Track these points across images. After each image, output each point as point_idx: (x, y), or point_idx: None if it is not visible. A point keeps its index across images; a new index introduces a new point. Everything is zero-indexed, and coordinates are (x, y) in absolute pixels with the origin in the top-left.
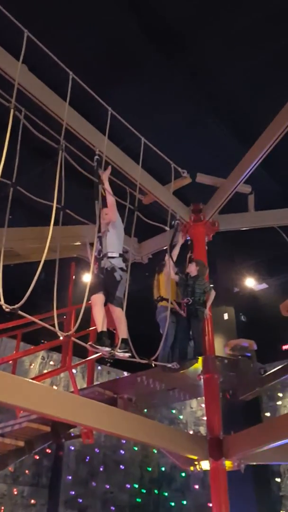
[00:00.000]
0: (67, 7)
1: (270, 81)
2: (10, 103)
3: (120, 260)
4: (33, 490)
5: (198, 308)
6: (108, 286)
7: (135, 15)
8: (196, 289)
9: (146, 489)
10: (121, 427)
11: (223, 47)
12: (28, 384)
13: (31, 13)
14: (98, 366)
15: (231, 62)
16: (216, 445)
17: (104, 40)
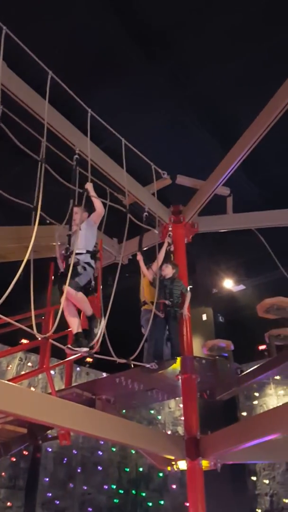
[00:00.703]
0: (49, 6)
1: (250, 83)
2: None
3: (88, 256)
4: (9, 492)
5: (177, 310)
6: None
7: (117, 17)
8: (174, 290)
9: (124, 490)
10: (99, 428)
11: (203, 50)
12: (5, 385)
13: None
14: (77, 367)
15: (212, 64)
16: (193, 445)
17: (86, 41)
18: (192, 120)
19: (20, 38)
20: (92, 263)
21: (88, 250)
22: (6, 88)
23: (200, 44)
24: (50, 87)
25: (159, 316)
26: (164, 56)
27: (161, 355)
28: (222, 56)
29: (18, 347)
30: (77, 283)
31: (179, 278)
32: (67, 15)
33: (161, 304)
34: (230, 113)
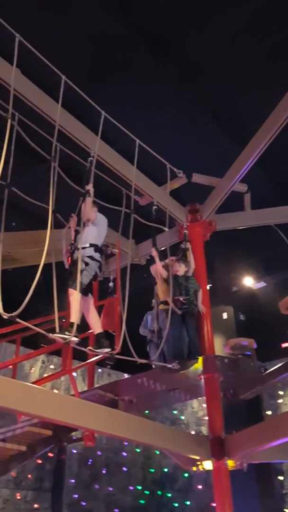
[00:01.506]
0: (57, 10)
1: (263, 78)
2: (7, 113)
3: (92, 249)
4: (36, 494)
5: (193, 307)
6: (73, 273)
7: (125, 17)
8: (189, 287)
9: (149, 491)
10: (123, 429)
11: (214, 46)
12: (29, 388)
13: (21, 17)
14: (99, 368)
15: (221, 60)
16: (218, 444)
17: (95, 42)
18: (204, 117)
19: (30, 42)
20: (96, 257)
21: (92, 244)
22: (19, 93)
23: (208, 41)
24: (61, 88)
25: (176, 313)
26: (173, 55)
27: (181, 354)
28: (231, 51)
29: (40, 350)
30: (80, 283)
31: (194, 274)
32: (75, 18)
33: (177, 301)
34: (242, 108)
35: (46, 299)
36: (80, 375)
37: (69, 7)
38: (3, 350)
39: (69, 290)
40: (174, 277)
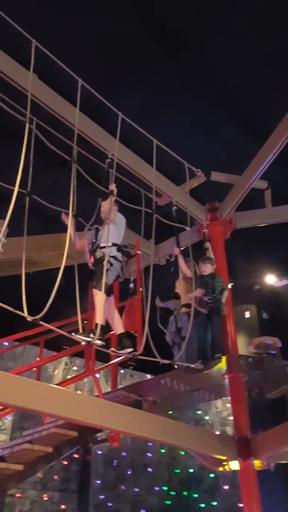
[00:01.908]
0: (70, 13)
1: (281, 74)
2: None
3: (114, 249)
4: (62, 495)
5: (220, 305)
6: (96, 273)
7: (139, 17)
8: (216, 286)
9: (175, 491)
10: (148, 429)
11: (229, 43)
12: (54, 390)
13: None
14: (121, 369)
15: (235, 56)
16: (244, 444)
17: (109, 43)
18: (222, 115)
19: (45, 46)
20: (118, 257)
21: (114, 243)
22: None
23: (225, 37)
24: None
25: (202, 311)
26: (190, 52)
27: (205, 353)
28: (248, 47)
29: (64, 352)
30: (106, 284)
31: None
32: (89, 20)
33: (202, 301)
34: (261, 104)
35: (67, 301)
36: (103, 377)
37: (82, 9)
38: (27, 353)
39: (93, 291)
40: (201, 277)
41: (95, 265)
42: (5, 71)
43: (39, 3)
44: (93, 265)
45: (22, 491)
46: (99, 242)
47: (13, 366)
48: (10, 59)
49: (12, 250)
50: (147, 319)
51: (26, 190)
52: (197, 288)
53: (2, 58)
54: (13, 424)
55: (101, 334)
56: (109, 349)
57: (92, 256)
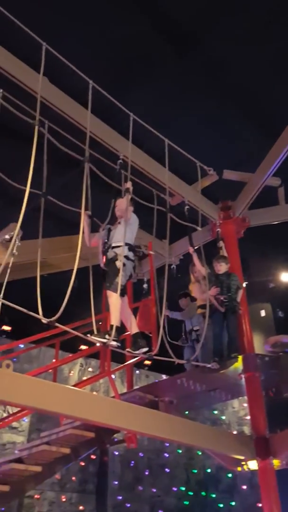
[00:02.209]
0: (78, 14)
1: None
2: (34, 120)
3: (126, 248)
4: (80, 496)
5: (235, 304)
6: (109, 274)
7: (146, 16)
8: (231, 285)
9: (193, 491)
10: (166, 430)
11: (238, 39)
12: (71, 391)
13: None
14: (136, 370)
15: (246, 53)
16: (262, 444)
17: (118, 44)
18: (233, 112)
19: (56, 49)
20: (130, 257)
21: (127, 243)
22: (47, 101)
23: (235, 34)
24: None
25: (219, 310)
26: (198, 50)
27: (221, 352)
28: (256, 43)
29: (79, 354)
30: (117, 283)
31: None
32: (98, 21)
33: (218, 300)
34: (272, 101)
35: (81, 303)
36: (118, 377)
37: (91, 11)
38: (42, 354)
39: (107, 292)
40: (216, 276)
41: (107, 266)
42: (16, 74)
43: (48, 6)
44: (105, 266)
45: (40, 492)
46: (111, 242)
47: (29, 368)
48: (21, 63)
49: (26, 252)
50: (162, 319)
51: (41, 191)
52: (212, 287)
53: (14, 62)
54: (30, 426)
55: (116, 335)
56: (125, 350)
57: (104, 256)
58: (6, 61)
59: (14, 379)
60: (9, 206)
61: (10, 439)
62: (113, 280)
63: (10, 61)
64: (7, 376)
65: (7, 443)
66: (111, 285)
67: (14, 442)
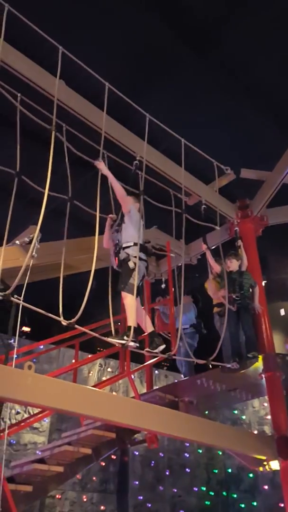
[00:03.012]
0: (95, 16)
1: None
2: (51, 123)
3: (136, 248)
4: (101, 496)
5: (249, 302)
6: (123, 275)
7: (164, 16)
8: (244, 283)
9: (214, 491)
10: (186, 430)
11: (256, 38)
12: (92, 392)
13: (60, 27)
14: (155, 370)
15: (263, 50)
16: (284, 444)
17: (134, 44)
18: (250, 110)
19: (71, 51)
20: (142, 256)
21: (136, 243)
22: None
23: (252, 32)
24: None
25: (231, 309)
26: (217, 49)
27: (239, 352)
28: (275, 40)
29: (99, 354)
30: (132, 285)
31: (248, 270)
32: (115, 22)
33: (230, 298)
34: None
35: (100, 304)
36: (137, 377)
37: (106, 12)
38: (62, 355)
39: (122, 293)
40: (228, 273)
41: (120, 267)
42: (33, 77)
43: (64, 8)
44: (118, 267)
45: (62, 492)
46: (121, 243)
47: (49, 368)
48: (38, 66)
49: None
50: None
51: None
52: (221, 288)
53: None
54: (50, 426)
55: (134, 336)
56: (144, 350)
57: (116, 258)
58: (22, 65)
59: (36, 380)
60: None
61: (32, 439)
62: (127, 281)
63: (27, 65)
64: (29, 377)
65: (28, 443)
66: (125, 286)
67: (35, 443)
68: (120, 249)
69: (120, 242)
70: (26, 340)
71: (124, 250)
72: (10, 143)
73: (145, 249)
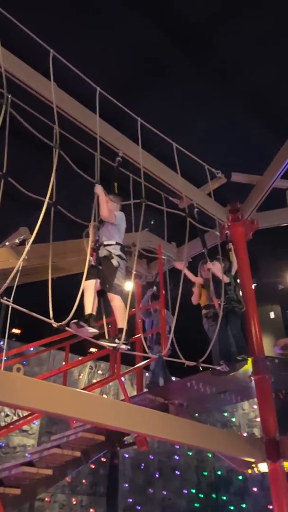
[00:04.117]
0: (88, 21)
1: None
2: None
3: (118, 248)
4: (91, 499)
5: (235, 305)
6: (106, 274)
7: (157, 21)
8: (226, 287)
9: (203, 494)
10: (176, 433)
11: (249, 43)
12: (81, 395)
13: (54, 31)
14: (146, 372)
15: (256, 56)
16: (273, 446)
17: (128, 49)
18: (242, 115)
19: (64, 55)
20: (123, 256)
21: (118, 242)
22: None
23: (242, 36)
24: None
25: (217, 313)
26: (210, 54)
27: (228, 354)
28: (267, 46)
29: (89, 357)
30: (118, 285)
31: (237, 273)
32: (108, 28)
33: (217, 303)
34: (280, 103)
35: None
36: (128, 380)
37: (100, 17)
38: (52, 357)
39: (109, 295)
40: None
41: (99, 264)
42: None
43: (56, 13)
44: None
45: (51, 495)
46: (101, 240)
47: (39, 371)
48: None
49: (36, 257)
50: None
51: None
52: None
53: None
54: (40, 429)
55: (126, 339)
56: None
57: (94, 254)
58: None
59: (25, 383)
60: (19, 211)
61: (21, 442)
62: (112, 281)
63: (19, 67)
64: (17, 380)
65: (18, 446)
66: (111, 287)
67: (25, 445)
68: (100, 246)
69: (100, 238)
70: (16, 342)
71: (105, 248)
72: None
73: (124, 249)
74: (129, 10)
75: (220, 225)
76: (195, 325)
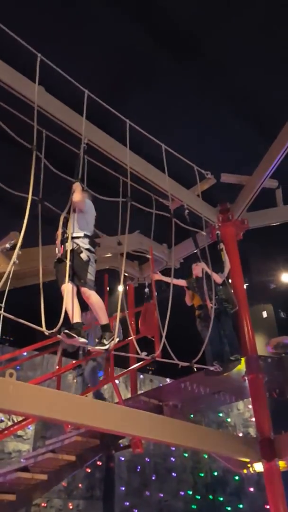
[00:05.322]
0: (74, 23)
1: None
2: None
3: (86, 240)
4: (88, 503)
5: (226, 306)
6: (76, 269)
7: (143, 22)
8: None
9: (200, 495)
10: (171, 434)
11: (236, 44)
12: (75, 398)
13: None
14: (140, 374)
15: (242, 56)
16: (268, 446)
17: (114, 51)
18: (230, 115)
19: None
20: (92, 249)
21: (86, 234)
22: (45, 110)
23: (227, 37)
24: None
25: (209, 314)
26: (196, 55)
27: (220, 355)
28: (254, 46)
29: (82, 360)
30: (91, 280)
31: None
32: (94, 29)
33: (208, 305)
34: (268, 103)
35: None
36: (123, 382)
37: (85, 18)
38: (46, 362)
39: (83, 290)
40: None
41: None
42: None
43: (43, 16)
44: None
45: (47, 500)
46: (69, 231)
47: (33, 375)
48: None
49: (26, 261)
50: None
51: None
52: None
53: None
54: (35, 434)
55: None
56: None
57: (62, 246)
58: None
59: (17, 388)
60: (10, 215)
61: (16, 447)
62: (85, 276)
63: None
64: (10, 385)
65: (13, 452)
66: (85, 283)
67: (20, 451)
68: (67, 238)
69: (67, 231)
70: (9, 347)
71: (73, 240)
72: None
73: (93, 241)
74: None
75: (210, 225)
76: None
